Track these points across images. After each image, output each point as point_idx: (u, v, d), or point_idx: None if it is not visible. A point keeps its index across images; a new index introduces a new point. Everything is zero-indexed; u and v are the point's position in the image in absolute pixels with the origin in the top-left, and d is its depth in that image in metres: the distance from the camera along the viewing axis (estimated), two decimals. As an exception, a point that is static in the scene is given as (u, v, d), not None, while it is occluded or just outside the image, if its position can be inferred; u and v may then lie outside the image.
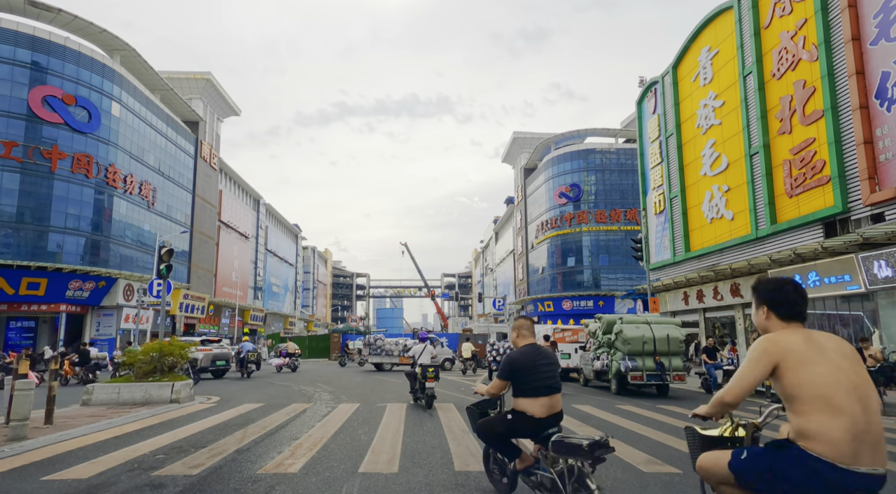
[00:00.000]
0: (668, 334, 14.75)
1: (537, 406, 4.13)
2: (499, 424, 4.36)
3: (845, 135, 16.82)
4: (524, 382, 4.18)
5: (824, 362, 2.36)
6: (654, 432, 8.32)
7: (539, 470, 4.23)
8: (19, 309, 34.50)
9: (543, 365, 4.22)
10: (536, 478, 4.23)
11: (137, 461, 6.27)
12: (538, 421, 4.11)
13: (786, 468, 2.34)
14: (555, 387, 4.22)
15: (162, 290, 16.58)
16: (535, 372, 4.18)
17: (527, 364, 4.19)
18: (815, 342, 2.45)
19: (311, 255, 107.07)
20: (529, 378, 4.17)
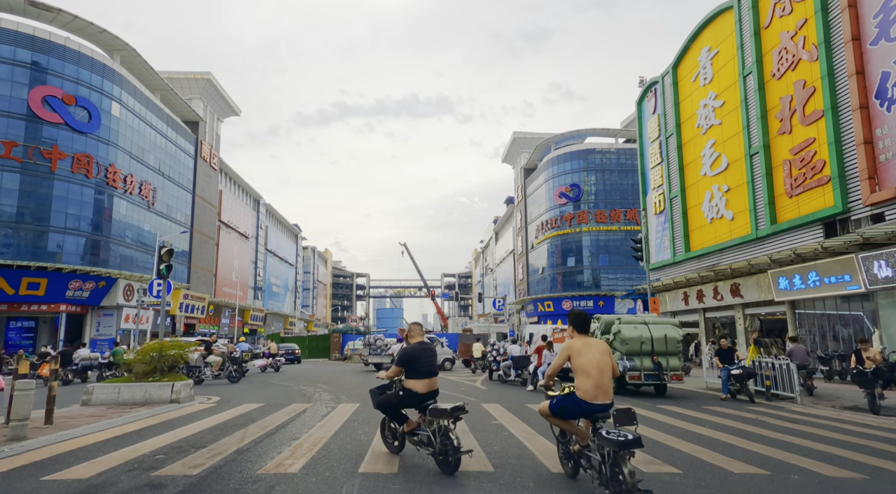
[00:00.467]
0: (666, 334, 14.82)
1: (421, 385, 5.99)
2: (393, 398, 6.16)
3: (845, 135, 16.83)
4: (413, 368, 6.02)
5: (588, 354, 4.95)
6: (654, 432, 8.32)
7: (420, 432, 6.00)
8: (19, 309, 34.51)
9: (426, 356, 6.08)
10: (418, 438, 6.00)
11: (137, 461, 6.27)
12: (421, 396, 5.98)
13: (568, 404, 5.00)
14: (433, 372, 6.10)
15: (162, 290, 16.58)
16: (420, 361, 6.02)
17: (415, 355, 6.01)
18: (588, 344, 5.03)
19: (311, 255, 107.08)
20: (417, 365, 6.01)
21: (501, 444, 7.26)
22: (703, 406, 12.06)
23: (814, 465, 6.19)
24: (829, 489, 5.24)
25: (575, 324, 5.25)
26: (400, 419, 6.28)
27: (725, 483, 5.39)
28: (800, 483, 5.44)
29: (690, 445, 7.28)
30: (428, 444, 5.78)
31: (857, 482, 5.52)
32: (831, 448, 7.26)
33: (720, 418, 10.06)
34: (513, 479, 5.44)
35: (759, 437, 8.03)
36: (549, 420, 5.35)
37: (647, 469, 5.85)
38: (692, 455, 6.61)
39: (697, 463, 6.19)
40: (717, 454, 6.73)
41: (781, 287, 19.57)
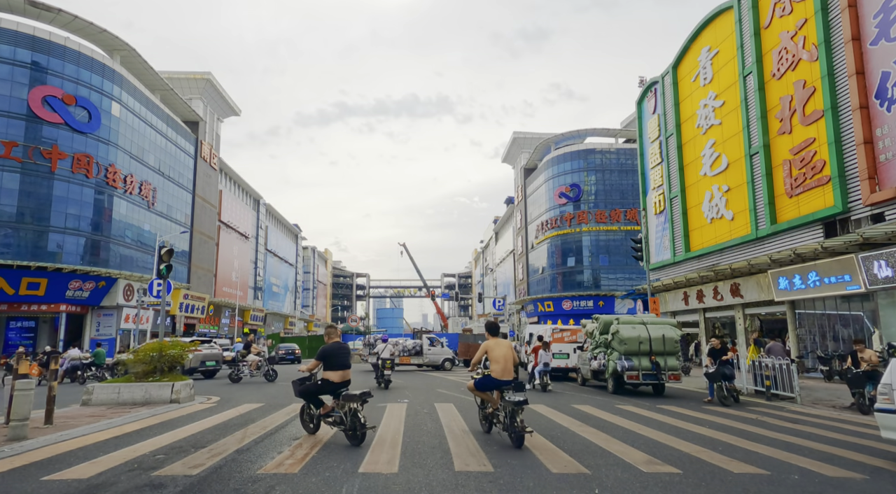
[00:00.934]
0: (664, 334, 14.92)
1: (336, 375, 7.52)
2: (313, 387, 7.66)
3: (845, 135, 16.82)
4: (329, 363, 7.51)
5: (497, 349, 7.72)
6: (654, 432, 8.32)
7: (333, 414, 7.52)
8: (19, 309, 34.50)
9: (341, 353, 7.64)
10: (332, 419, 7.52)
11: (137, 461, 6.27)
12: (336, 384, 7.50)
13: (486, 380, 7.72)
14: (346, 365, 7.65)
15: (162, 290, 16.57)
16: (336, 357, 7.55)
17: (332, 352, 7.55)
18: (498, 343, 7.84)
19: (311, 255, 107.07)
20: (333, 360, 7.53)
21: (501, 444, 7.27)
22: (703, 406, 12.06)
23: (814, 465, 6.20)
24: (829, 489, 5.25)
25: (489, 330, 8.24)
26: (318, 404, 7.79)
27: (725, 483, 5.39)
28: (800, 483, 5.44)
29: (690, 445, 7.28)
30: (340, 423, 7.34)
31: (856, 482, 5.52)
32: (831, 448, 7.26)
33: (720, 418, 10.06)
34: (512, 479, 5.44)
35: (759, 437, 8.03)
36: (473, 392, 8.18)
37: (646, 470, 5.85)
38: (692, 455, 6.61)
39: (697, 463, 6.19)
40: (717, 454, 6.73)
41: (781, 287, 19.57)
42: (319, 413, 7.70)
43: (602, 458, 6.42)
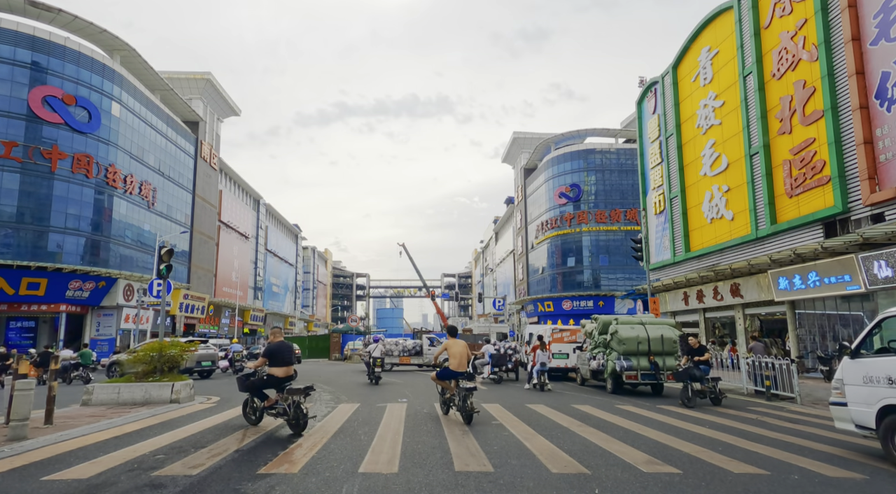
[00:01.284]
0: (662, 334, 15.05)
1: (280, 371, 8.41)
2: (259, 382, 8.47)
3: (845, 135, 16.82)
4: (275, 360, 8.42)
5: (455, 347, 9.75)
6: (654, 432, 8.32)
7: (277, 406, 8.27)
8: (19, 309, 34.50)
9: (285, 351, 8.53)
10: (275, 410, 8.26)
11: (137, 461, 6.27)
12: (280, 379, 8.39)
13: (444, 372, 9.70)
14: (290, 362, 8.55)
15: (162, 290, 16.57)
16: (281, 355, 8.46)
17: (276, 350, 8.46)
18: (455, 342, 9.90)
19: (311, 255, 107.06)
20: (277, 357, 8.43)
21: (501, 444, 7.27)
22: (703, 405, 12.06)
23: (814, 465, 6.20)
24: (829, 489, 5.25)
25: (450, 332, 10.59)
26: (262, 397, 8.62)
27: (725, 482, 5.39)
28: (800, 483, 5.44)
29: (690, 445, 7.28)
30: (284, 414, 8.13)
31: (856, 482, 5.52)
32: (831, 449, 7.26)
33: (720, 418, 10.07)
34: (512, 479, 5.45)
35: (759, 437, 8.03)
36: (436, 381, 10.06)
37: (646, 470, 5.85)
38: (692, 455, 6.61)
39: (697, 463, 6.19)
40: (717, 454, 6.73)
41: (781, 287, 19.57)
42: (263, 406, 8.51)
43: (602, 458, 6.42)
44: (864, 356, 6.98)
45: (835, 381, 7.40)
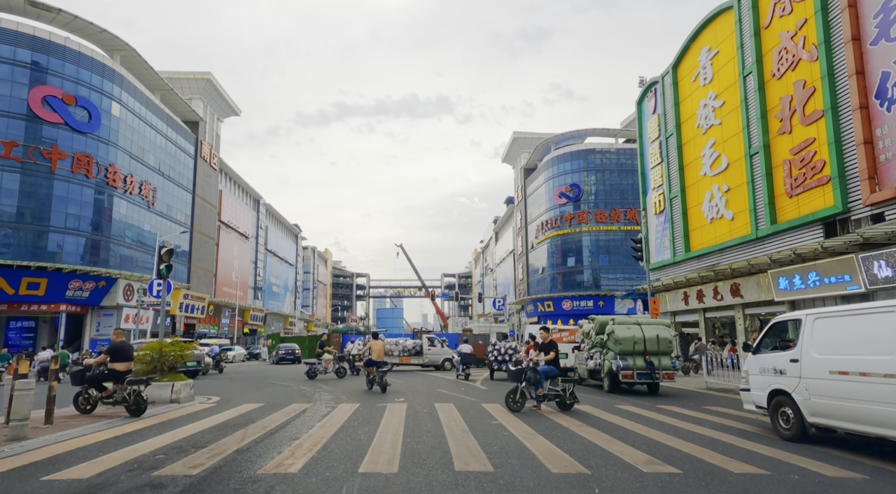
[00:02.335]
0: (658, 334, 15.33)
1: (122, 366, 10.07)
2: (100, 375, 9.98)
3: (845, 135, 16.82)
4: (116, 356, 10.05)
5: (376, 345, 15.47)
6: (654, 432, 8.32)
7: (115, 395, 9.88)
8: (19, 309, 34.51)
9: (126, 349, 10.26)
10: (112, 399, 9.90)
11: (137, 461, 6.27)
12: (122, 373, 10.05)
13: (369, 362, 15.39)
14: (130, 358, 10.30)
15: (162, 290, 16.56)
16: (123, 352, 10.14)
17: (119, 349, 10.12)
18: (376, 342, 15.64)
19: (311, 255, 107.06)
20: (120, 355, 10.09)
21: (501, 444, 7.27)
22: (702, 405, 12.06)
23: (813, 465, 6.20)
24: (829, 489, 5.25)
25: (373, 336, 16.18)
26: (101, 389, 10.06)
27: (725, 483, 5.39)
28: (799, 482, 5.44)
29: (690, 445, 7.28)
30: (123, 401, 9.76)
31: (856, 482, 5.52)
32: (831, 449, 7.26)
33: (720, 418, 10.06)
34: (512, 479, 5.45)
35: (759, 437, 8.03)
36: (364, 369, 15.23)
37: (646, 469, 5.85)
38: (692, 455, 6.61)
39: (697, 463, 6.19)
40: (716, 454, 6.73)
41: (781, 287, 19.56)
42: (101, 396, 10.02)
43: (602, 458, 6.42)
44: (761, 352, 8.83)
45: (742, 373, 9.39)
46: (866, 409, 6.66)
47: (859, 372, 6.81)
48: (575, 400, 10.85)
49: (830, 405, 7.20)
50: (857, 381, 6.82)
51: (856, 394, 6.81)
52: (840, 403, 7.04)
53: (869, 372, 6.68)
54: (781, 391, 8.07)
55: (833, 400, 7.16)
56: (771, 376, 8.33)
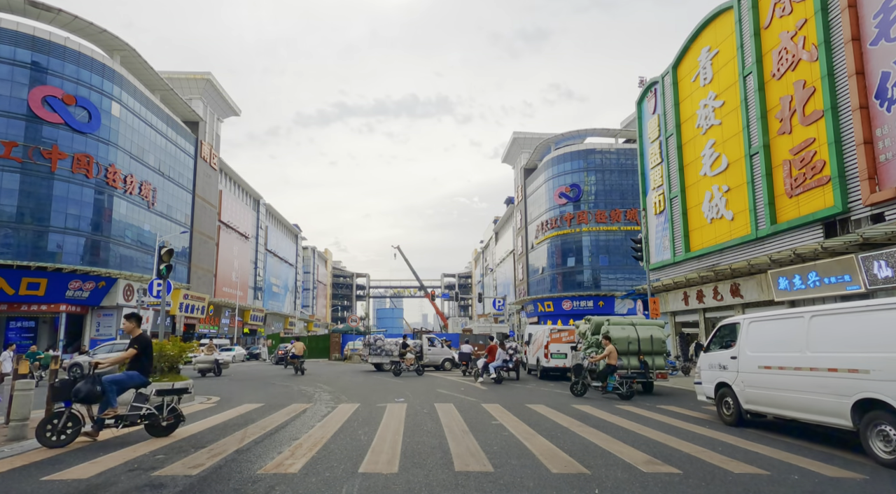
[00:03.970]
0: (652, 335, 15.89)
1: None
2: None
3: (845, 135, 16.82)
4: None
5: (298, 344, 24.63)
6: (654, 432, 8.32)
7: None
8: (19, 309, 34.50)
9: None
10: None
11: (137, 461, 6.27)
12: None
13: (293, 356, 24.39)
14: None
15: (162, 290, 16.55)
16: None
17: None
18: (298, 343, 24.90)
19: (311, 255, 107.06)
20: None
21: (501, 444, 7.26)
22: (702, 406, 12.06)
23: (813, 465, 6.20)
24: (829, 489, 5.25)
25: (297, 339, 26.45)
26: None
27: (725, 483, 5.39)
28: (799, 482, 5.44)
29: (690, 445, 7.28)
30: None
31: (856, 482, 5.52)
32: (831, 449, 7.26)
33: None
34: (512, 479, 5.45)
35: (759, 437, 8.03)
36: (288, 360, 25.33)
37: (646, 470, 5.85)
38: (692, 455, 6.61)
39: (697, 463, 6.19)
40: (716, 454, 6.73)
41: (781, 287, 19.56)
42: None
43: (602, 458, 6.42)
44: (710, 351, 10.14)
45: (696, 368, 10.84)
46: (783, 397, 7.95)
47: (778, 366, 8.10)
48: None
49: (759, 394, 8.50)
50: (777, 374, 8.10)
51: (776, 385, 8.11)
52: (766, 392, 8.35)
53: (785, 366, 7.97)
54: (724, 383, 9.43)
55: (761, 390, 8.46)
56: (717, 371, 9.72)
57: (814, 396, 7.36)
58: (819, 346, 7.42)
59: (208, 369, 24.11)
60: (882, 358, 6.48)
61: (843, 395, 6.88)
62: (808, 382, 7.46)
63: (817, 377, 7.32)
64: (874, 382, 6.48)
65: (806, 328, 7.70)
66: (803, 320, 7.81)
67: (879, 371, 6.47)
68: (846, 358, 6.95)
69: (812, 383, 7.40)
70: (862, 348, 6.81)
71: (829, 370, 7.15)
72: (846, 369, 6.90)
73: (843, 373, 6.95)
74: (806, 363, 7.53)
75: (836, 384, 7.00)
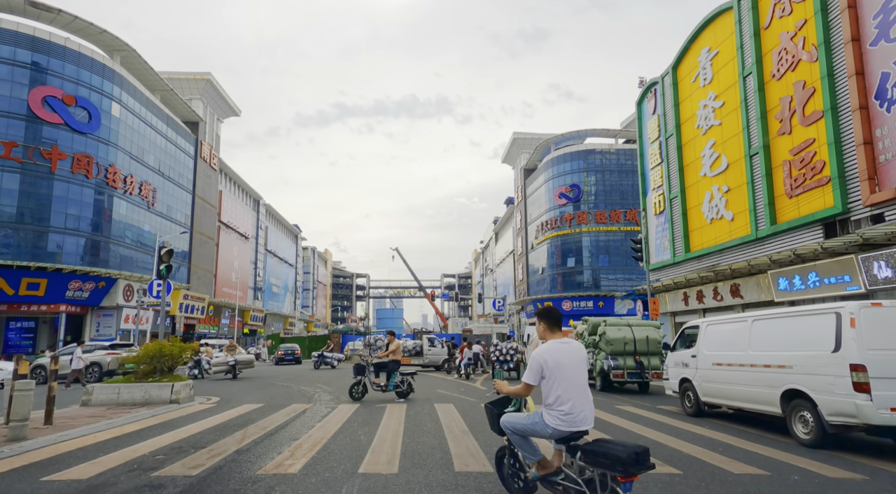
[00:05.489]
0: (648, 336, 16.04)
1: None
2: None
3: (845, 135, 16.82)
4: None
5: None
6: (654, 432, 8.32)
7: None
8: (19, 309, 34.48)
9: None
10: None
11: (137, 461, 6.27)
12: None
13: None
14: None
15: (162, 291, 16.56)
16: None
17: None
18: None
19: (311, 256, 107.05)
20: None
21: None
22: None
23: (813, 465, 6.19)
24: (829, 489, 5.24)
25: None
26: None
27: (725, 483, 5.39)
28: (800, 483, 5.44)
29: (690, 445, 7.28)
30: None
31: (856, 482, 5.52)
32: (831, 449, 7.26)
33: (720, 418, 10.07)
34: (513, 480, 5.43)
35: (759, 437, 8.03)
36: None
37: (646, 470, 5.85)
38: (692, 456, 6.61)
39: (697, 464, 6.19)
40: (716, 454, 6.73)
41: (781, 287, 19.56)
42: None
43: (602, 459, 6.41)
44: (676, 350, 11.26)
45: (664, 366, 12.30)
46: (732, 390, 9.15)
47: (727, 363, 9.29)
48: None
49: (713, 387, 9.71)
50: (727, 370, 9.28)
51: (726, 379, 9.31)
52: (718, 386, 9.55)
53: (732, 363, 9.14)
54: (686, 379, 10.58)
55: (714, 384, 9.68)
56: (681, 368, 10.84)
57: (754, 388, 8.54)
58: (758, 346, 8.60)
59: (225, 370, 21.66)
60: (801, 355, 7.69)
61: (774, 387, 8.06)
62: (749, 377, 8.65)
63: (756, 372, 8.51)
64: (796, 375, 7.69)
65: (749, 330, 8.87)
66: (747, 323, 9.00)
67: (800, 366, 7.66)
68: (776, 356, 8.14)
69: (752, 377, 8.57)
70: (788, 347, 8.00)
71: (765, 366, 8.34)
72: (776, 365, 8.10)
73: (774, 369, 8.13)
74: (748, 360, 8.73)
75: (769, 377, 8.18)
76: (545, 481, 4.31)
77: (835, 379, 7.06)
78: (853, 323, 7.04)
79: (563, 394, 4.00)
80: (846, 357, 6.98)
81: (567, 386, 4.01)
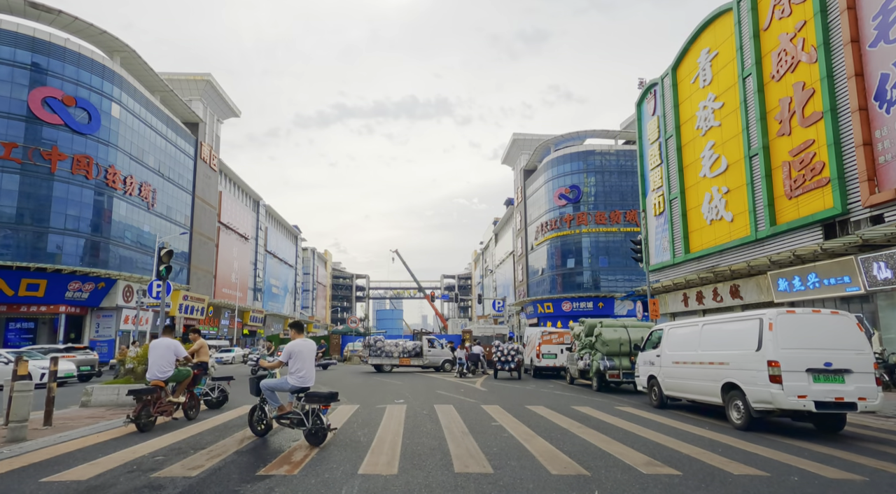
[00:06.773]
0: (643, 336, 16.27)
1: None
2: None
3: (844, 136, 16.84)
4: None
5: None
6: (654, 433, 8.32)
7: None
8: (19, 310, 34.47)
9: None
10: None
11: (137, 462, 6.26)
12: None
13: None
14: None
15: (161, 291, 16.54)
16: None
17: None
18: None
19: (311, 257, 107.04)
20: None
21: (501, 446, 7.26)
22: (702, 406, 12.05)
23: (813, 466, 6.19)
24: (829, 490, 5.24)
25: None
26: None
27: (725, 484, 5.39)
28: (799, 484, 5.44)
29: (690, 446, 7.27)
30: None
31: (856, 483, 5.52)
32: (831, 450, 7.26)
33: (719, 420, 10.06)
34: (512, 481, 5.44)
35: (759, 438, 8.03)
36: None
37: (646, 471, 5.85)
38: (692, 457, 6.61)
39: (697, 465, 6.19)
40: (716, 455, 6.73)
41: (781, 288, 19.57)
42: None
43: (601, 459, 6.42)
44: (645, 350, 12.49)
45: (636, 365, 13.30)
46: (687, 384, 10.54)
47: (683, 361, 10.65)
48: None
49: (673, 382, 11.07)
50: (683, 367, 10.65)
51: (681, 375, 10.69)
52: (676, 381, 10.92)
53: (686, 361, 10.51)
54: (653, 376, 11.88)
55: (674, 380, 11.03)
56: (648, 366, 12.19)
57: (702, 382, 9.93)
58: (706, 346, 10.01)
59: None
60: (735, 354, 9.11)
61: (716, 381, 9.46)
62: (699, 372, 10.05)
63: (703, 368, 9.90)
64: (731, 370, 9.10)
65: (700, 333, 10.28)
66: (698, 328, 10.44)
67: (734, 363, 9.08)
68: (718, 355, 9.58)
69: (701, 373, 9.97)
70: (726, 347, 9.43)
71: (710, 363, 9.74)
72: (718, 362, 9.51)
73: (716, 365, 9.53)
74: (698, 358, 10.11)
75: (713, 373, 9.59)
76: (281, 419, 7.31)
77: (757, 373, 8.45)
78: (771, 327, 8.45)
79: (300, 366, 7.31)
80: (765, 354, 8.39)
81: (302, 362, 7.30)
